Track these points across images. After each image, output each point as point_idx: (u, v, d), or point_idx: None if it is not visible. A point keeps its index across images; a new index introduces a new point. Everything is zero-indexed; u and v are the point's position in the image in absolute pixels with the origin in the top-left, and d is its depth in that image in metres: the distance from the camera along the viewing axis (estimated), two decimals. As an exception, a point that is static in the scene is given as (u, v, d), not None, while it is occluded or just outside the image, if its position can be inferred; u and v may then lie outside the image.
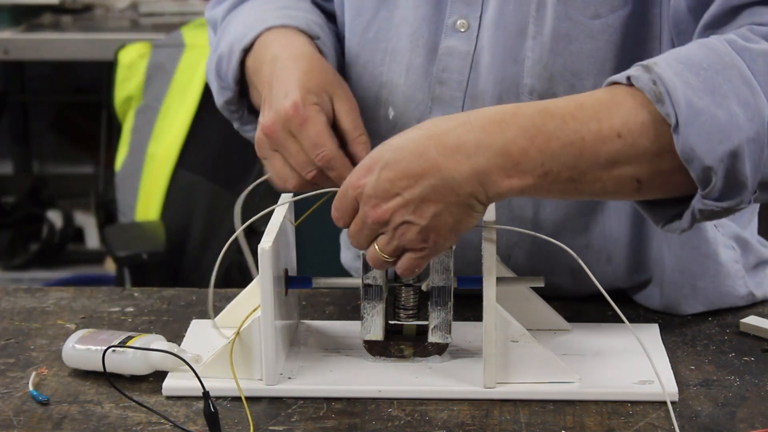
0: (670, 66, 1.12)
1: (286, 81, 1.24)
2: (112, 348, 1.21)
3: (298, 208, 1.31)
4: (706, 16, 1.21)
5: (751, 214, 1.48)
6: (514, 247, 1.39)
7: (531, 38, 1.31)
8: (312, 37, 1.36)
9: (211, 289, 1.26)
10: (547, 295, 1.33)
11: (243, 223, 1.28)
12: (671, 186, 1.15)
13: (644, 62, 1.14)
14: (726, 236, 1.41)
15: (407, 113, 1.38)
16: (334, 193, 1.19)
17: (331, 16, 1.50)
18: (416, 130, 1.14)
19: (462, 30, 1.35)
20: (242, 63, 1.36)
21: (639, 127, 1.12)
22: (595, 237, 1.38)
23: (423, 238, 1.13)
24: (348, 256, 1.61)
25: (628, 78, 1.13)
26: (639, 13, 1.29)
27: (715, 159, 1.10)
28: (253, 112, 1.42)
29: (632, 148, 1.12)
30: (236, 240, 1.26)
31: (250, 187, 1.30)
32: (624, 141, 1.12)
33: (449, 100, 1.35)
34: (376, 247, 1.15)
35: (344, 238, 1.63)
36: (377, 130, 1.40)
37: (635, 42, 1.30)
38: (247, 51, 1.35)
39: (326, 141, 1.21)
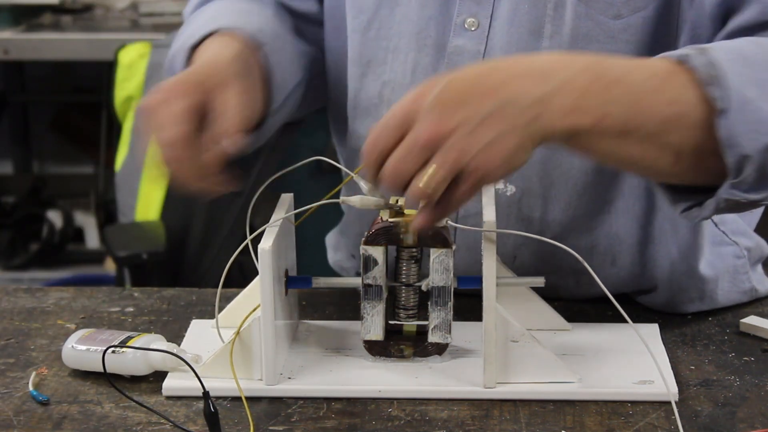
0: (725, 53, 1.13)
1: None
2: (112, 348, 1.21)
3: (299, 207, 1.31)
4: (737, 23, 1.21)
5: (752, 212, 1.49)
6: (520, 246, 1.39)
7: (547, 38, 1.31)
8: (258, 45, 1.34)
9: (219, 290, 1.25)
10: (550, 296, 1.33)
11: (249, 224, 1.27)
12: (703, 170, 1.14)
13: (698, 45, 1.14)
14: (730, 232, 1.42)
15: None
16: (335, 195, 1.21)
17: (304, 17, 1.50)
18: (472, 66, 1.10)
19: (472, 29, 1.34)
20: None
21: (691, 100, 1.11)
22: (601, 238, 1.37)
23: (476, 165, 1.06)
24: (337, 256, 1.61)
25: (681, 57, 1.13)
26: (659, 14, 1.30)
27: (754, 149, 1.10)
28: None
29: (681, 119, 1.11)
30: (237, 239, 1.25)
31: (260, 190, 1.29)
32: (674, 110, 1.11)
33: None
34: (425, 178, 1.05)
35: (331, 239, 1.63)
36: None
37: (654, 43, 1.30)
38: (194, 48, 1.33)
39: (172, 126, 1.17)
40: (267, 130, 1.38)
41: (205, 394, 1.13)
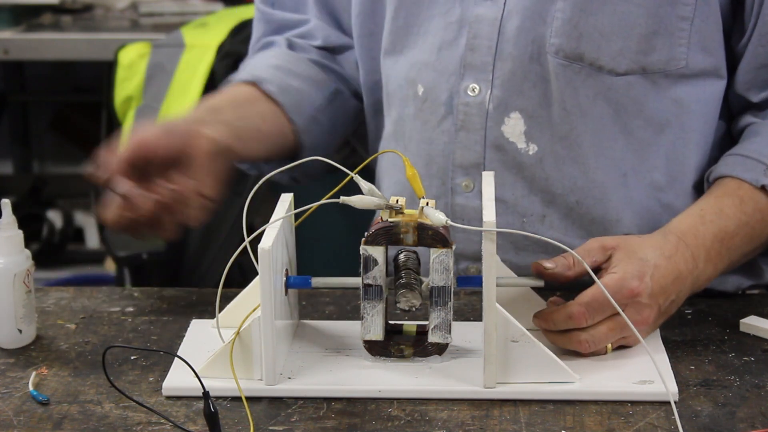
0: None
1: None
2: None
3: (298, 207, 1.31)
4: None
5: None
6: (549, 205, 1.44)
7: (561, 0, 1.37)
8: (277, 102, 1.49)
9: (219, 290, 1.25)
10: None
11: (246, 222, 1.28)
12: None
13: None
14: None
15: (438, 87, 1.45)
16: (335, 195, 1.22)
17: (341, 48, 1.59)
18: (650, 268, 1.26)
19: None
20: None
21: None
22: (618, 208, 1.43)
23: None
24: None
25: (763, 186, 1.35)
26: None
27: None
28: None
29: None
30: (236, 239, 1.25)
31: (254, 189, 1.30)
32: None
33: (480, 65, 1.42)
34: (610, 345, 1.25)
35: None
36: (407, 110, 1.48)
37: (666, 11, 1.36)
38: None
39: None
40: (302, 155, 1.52)
41: (205, 394, 1.13)
